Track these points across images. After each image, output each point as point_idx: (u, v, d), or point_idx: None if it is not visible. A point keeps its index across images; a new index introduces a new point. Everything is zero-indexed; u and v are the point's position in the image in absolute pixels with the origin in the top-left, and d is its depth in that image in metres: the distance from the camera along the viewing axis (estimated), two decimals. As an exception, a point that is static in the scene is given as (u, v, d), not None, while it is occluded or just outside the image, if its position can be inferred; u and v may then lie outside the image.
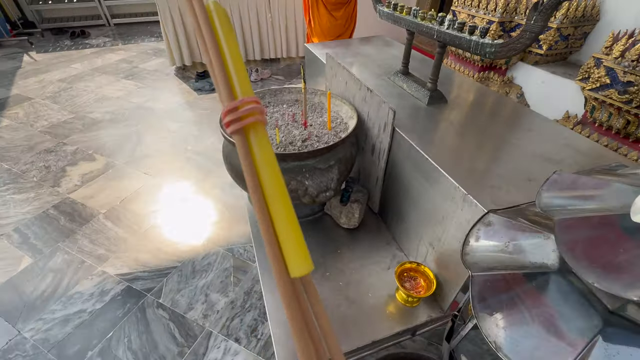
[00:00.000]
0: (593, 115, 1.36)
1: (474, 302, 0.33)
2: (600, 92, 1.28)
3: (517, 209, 0.44)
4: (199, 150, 2.18)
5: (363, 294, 0.89)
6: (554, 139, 0.85)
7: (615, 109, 1.26)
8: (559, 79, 1.54)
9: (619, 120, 1.27)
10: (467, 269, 0.35)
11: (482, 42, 0.76)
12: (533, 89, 1.67)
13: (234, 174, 0.98)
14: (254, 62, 3.65)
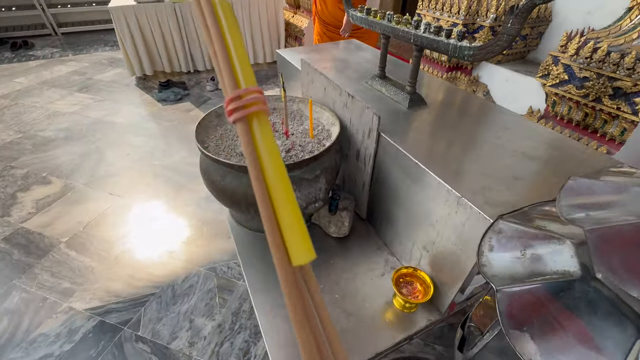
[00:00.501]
0: (555, 109, 1.45)
1: (502, 319, 0.32)
2: (559, 87, 1.37)
3: (522, 212, 0.43)
4: (167, 164, 2.06)
5: (360, 304, 0.86)
6: (530, 136, 0.89)
7: (574, 102, 1.35)
8: (520, 76, 1.63)
9: (578, 113, 1.36)
10: (490, 283, 0.33)
11: (461, 46, 0.78)
12: (498, 87, 1.75)
13: (214, 189, 0.91)
14: (220, 69, 3.54)
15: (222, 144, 0.97)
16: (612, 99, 1.21)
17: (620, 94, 1.19)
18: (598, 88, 1.23)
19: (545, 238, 0.37)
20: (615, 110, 1.21)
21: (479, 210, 0.62)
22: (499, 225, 0.41)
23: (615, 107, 1.21)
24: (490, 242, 0.41)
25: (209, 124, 1.05)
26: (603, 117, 1.28)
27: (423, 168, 0.74)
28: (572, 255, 0.33)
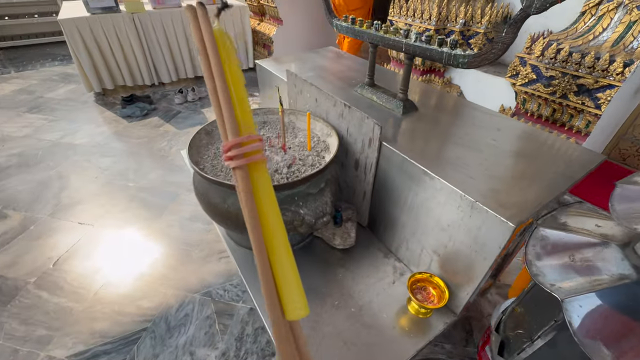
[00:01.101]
0: (525, 106, 1.55)
1: (574, 329, 0.32)
2: (529, 86, 1.47)
3: (552, 216, 0.45)
4: (143, 185, 1.93)
5: (377, 315, 0.86)
6: (520, 135, 0.94)
7: (542, 100, 1.46)
8: (491, 77, 1.73)
9: (546, 109, 1.47)
10: (554, 295, 0.33)
11: (455, 54, 0.80)
12: (470, 87, 1.85)
13: (216, 213, 0.86)
14: (186, 80, 3.40)
15: (218, 163, 0.92)
16: (577, 95, 1.32)
17: (583, 90, 1.30)
18: (564, 86, 1.33)
19: (589, 241, 0.38)
20: (580, 105, 1.33)
21: (495, 213, 0.64)
22: (539, 233, 0.42)
23: (580, 103, 1.32)
24: (535, 249, 0.42)
25: (200, 143, 0.99)
26: (569, 112, 1.39)
27: (433, 175, 0.76)
28: (622, 258, 0.34)
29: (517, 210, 0.65)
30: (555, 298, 0.37)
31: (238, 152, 0.23)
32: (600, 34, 1.30)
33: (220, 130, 0.25)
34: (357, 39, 2.12)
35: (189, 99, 2.95)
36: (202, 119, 2.69)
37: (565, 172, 0.77)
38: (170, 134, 2.46)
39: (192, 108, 2.87)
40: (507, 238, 0.64)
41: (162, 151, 2.26)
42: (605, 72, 1.22)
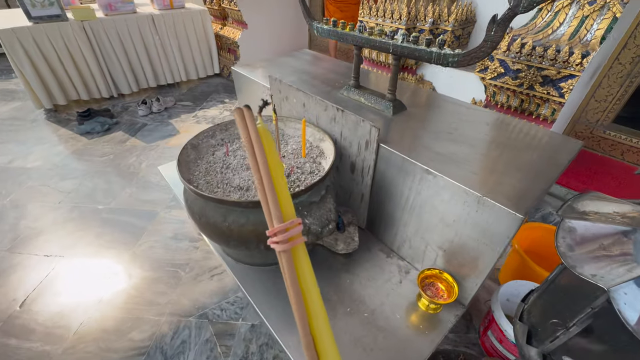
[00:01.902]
0: (495, 98, 1.64)
1: (625, 317, 0.33)
2: (498, 80, 1.56)
3: (569, 206, 0.47)
4: (115, 207, 1.78)
5: (390, 317, 0.86)
6: (505, 128, 0.99)
7: (511, 92, 1.55)
8: (461, 72, 1.81)
9: (515, 100, 1.56)
10: (599, 284, 0.35)
11: (445, 53, 0.82)
12: (441, 83, 1.92)
13: (215, 232, 0.81)
14: (148, 90, 3.21)
15: (213, 179, 0.87)
16: (542, 85, 1.42)
17: (548, 81, 1.40)
18: (530, 78, 1.43)
19: (616, 229, 0.40)
20: (546, 95, 1.43)
21: (503, 206, 0.67)
22: (567, 224, 0.44)
23: (545, 93, 1.42)
24: (565, 241, 0.43)
25: (188, 160, 0.93)
26: (536, 102, 1.50)
27: (436, 174, 0.77)
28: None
29: (521, 201, 0.68)
30: (588, 285, 0.38)
31: (283, 237, 0.25)
32: (558, 28, 1.41)
33: (266, 215, 0.27)
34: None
35: (154, 110, 2.78)
36: (171, 130, 2.55)
37: (553, 161, 0.82)
38: (138, 149, 2.30)
39: (158, 119, 2.71)
40: (516, 229, 0.66)
41: (131, 168, 2.11)
42: (566, 64, 1.32)
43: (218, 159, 0.96)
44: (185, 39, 3.14)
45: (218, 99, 3.08)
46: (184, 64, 3.25)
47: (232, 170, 0.90)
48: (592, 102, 1.87)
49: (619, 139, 1.90)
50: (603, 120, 1.94)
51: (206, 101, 3.04)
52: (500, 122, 1.02)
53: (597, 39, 1.29)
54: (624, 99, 1.83)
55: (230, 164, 0.92)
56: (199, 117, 2.74)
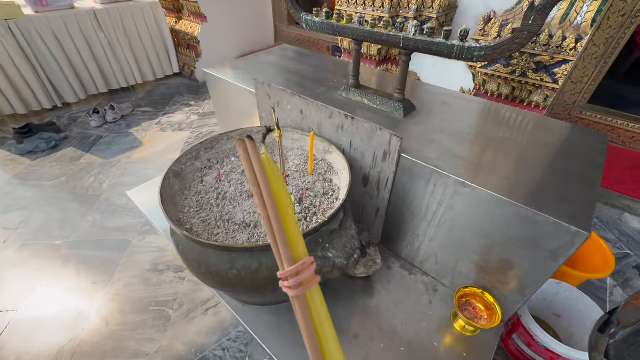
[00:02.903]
0: (485, 87, 1.60)
1: None
2: (489, 68, 1.51)
3: None
4: (76, 240, 1.52)
5: (429, 347, 0.77)
6: (523, 124, 0.92)
7: (502, 79, 1.51)
8: (446, 61, 1.74)
9: (506, 88, 1.53)
10: None
11: (469, 47, 0.72)
12: (427, 73, 1.85)
13: (221, 282, 0.66)
14: (99, 96, 2.84)
15: (209, 215, 0.71)
16: (535, 72, 1.39)
17: (541, 67, 1.37)
18: (523, 64, 1.39)
19: None
20: (539, 81, 1.40)
21: (555, 220, 0.59)
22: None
23: (539, 79, 1.39)
24: None
25: (172, 191, 0.75)
26: (528, 89, 1.47)
27: (474, 186, 0.67)
28: None
29: (579, 213, 0.60)
30: None
31: (295, 281, 0.22)
32: (547, 12, 1.37)
33: (276, 256, 0.24)
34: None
35: (109, 119, 2.46)
36: (132, 141, 2.26)
37: (590, 160, 0.76)
38: (96, 167, 2.01)
39: (115, 130, 2.39)
40: (578, 246, 0.59)
41: (90, 190, 1.83)
42: (559, 49, 1.29)
43: (210, 186, 0.79)
44: (136, 36, 2.79)
45: (182, 101, 2.80)
46: (138, 64, 2.91)
47: (231, 201, 0.74)
48: (569, 83, 1.90)
49: (595, 119, 1.96)
50: (579, 102, 1.98)
51: (169, 105, 2.74)
52: (515, 117, 0.95)
53: (587, 22, 1.27)
54: (599, 79, 1.87)
55: (227, 193, 0.77)
56: (164, 125, 2.46)
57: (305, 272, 0.23)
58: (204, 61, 3.03)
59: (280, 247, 0.23)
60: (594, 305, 1.02)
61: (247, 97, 1.15)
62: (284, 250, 0.23)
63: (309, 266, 0.23)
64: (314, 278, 0.24)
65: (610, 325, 0.54)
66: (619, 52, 1.74)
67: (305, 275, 0.23)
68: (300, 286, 0.23)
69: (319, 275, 0.70)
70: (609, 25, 1.71)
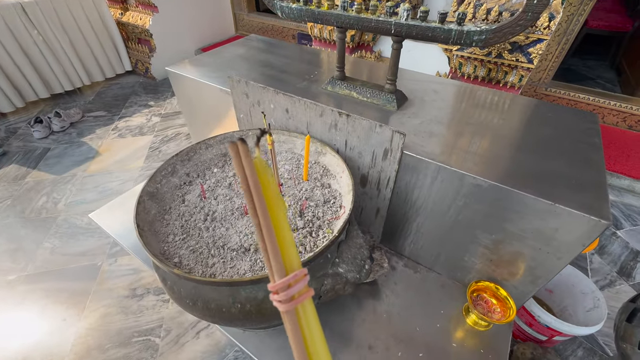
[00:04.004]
0: (461, 70, 1.58)
1: None
2: (465, 50, 1.49)
3: None
4: (35, 271, 1.33)
5: (447, 349, 0.74)
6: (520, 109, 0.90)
7: (478, 61, 1.50)
8: (421, 45, 1.71)
9: (482, 70, 1.52)
10: None
11: (468, 31, 0.67)
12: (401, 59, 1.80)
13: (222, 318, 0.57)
14: (40, 103, 2.51)
15: (199, 243, 0.61)
16: (510, 52, 1.39)
17: (516, 47, 1.37)
18: (499, 45, 1.38)
19: None
20: (515, 62, 1.40)
21: (571, 209, 0.57)
22: None
23: (514, 60, 1.40)
24: None
25: (151, 218, 0.65)
26: (504, 70, 1.47)
27: (489, 182, 0.64)
28: None
29: (593, 201, 0.59)
30: None
31: (286, 296, 0.21)
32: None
33: (267, 267, 0.23)
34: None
35: (56, 129, 2.18)
36: (87, 152, 2.03)
37: (589, 142, 0.75)
38: (47, 184, 1.78)
39: (65, 140, 2.13)
40: (598, 235, 0.57)
41: (43, 212, 1.61)
42: (533, 28, 1.29)
43: (194, 206, 0.69)
44: (76, 32, 2.47)
45: (140, 102, 2.55)
46: (83, 63, 2.59)
47: (222, 222, 0.65)
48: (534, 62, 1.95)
49: (559, 94, 2.04)
50: (544, 79, 2.05)
51: (125, 107, 2.49)
52: (503, 101, 0.93)
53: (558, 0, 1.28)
54: (562, 56, 1.94)
55: (215, 212, 0.67)
56: (122, 130, 2.23)
57: (297, 285, 0.22)
58: (159, 56, 2.77)
59: (271, 257, 0.22)
60: (585, 277, 1.06)
61: (221, 97, 1.04)
62: (275, 262, 0.22)
63: (301, 278, 0.22)
64: (307, 291, 0.22)
65: (637, 313, 0.53)
66: (579, 28, 1.81)
67: (297, 289, 0.22)
68: (292, 300, 0.21)
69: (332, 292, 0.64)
70: (570, 2, 1.76)
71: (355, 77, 0.99)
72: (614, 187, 1.68)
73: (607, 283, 1.31)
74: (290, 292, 0.21)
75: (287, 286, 0.21)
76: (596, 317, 0.96)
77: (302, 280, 0.22)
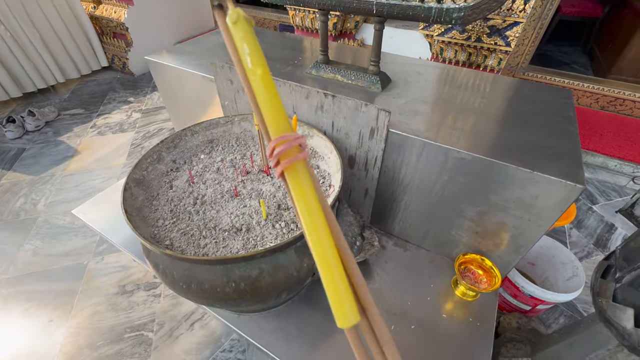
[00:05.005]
0: (442, 55, 1.61)
1: None
2: (445, 35, 1.52)
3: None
4: (16, 274, 1.29)
5: (438, 319, 0.77)
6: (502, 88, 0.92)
7: (459, 46, 1.53)
8: (403, 31, 1.72)
9: (463, 54, 1.55)
10: None
11: (447, 8, 0.68)
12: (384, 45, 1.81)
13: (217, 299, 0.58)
14: (11, 102, 2.40)
15: (189, 226, 0.61)
16: (489, 36, 1.43)
17: (494, 31, 1.41)
18: (477, 29, 1.41)
19: None
20: (493, 45, 1.44)
21: (550, 176, 0.60)
22: None
23: (493, 43, 1.43)
24: None
25: (138, 204, 0.64)
26: (484, 53, 1.51)
27: (474, 155, 0.66)
28: None
29: (569, 168, 0.62)
30: None
31: (273, 161, 0.21)
32: (495, -25, 1.39)
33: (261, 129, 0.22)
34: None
35: (31, 128, 2.09)
36: (65, 150, 1.95)
37: (564, 116, 0.79)
38: (25, 185, 1.71)
39: (41, 140, 2.05)
40: (574, 199, 0.60)
41: (22, 214, 1.55)
42: (510, 11, 1.32)
43: (182, 191, 0.68)
44: (47, 27, 2.36)
45: (118, 99, 2.47)
46: (55, 60, 2.49)
47: (212, 205, 0.65)
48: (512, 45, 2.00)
49: (537, 78, 2.10)
50: (522, 63, 2.11)
51: (103, 104, 2.41)
52: (484, 81, 0.95)
53: (532, -17, 1.31)
54: (537, 41, 2.00)
55: (205, 196, 0.66)
56: (101, 127, 2.16)
57: (278, 150, 0.21)
58: (136, 50, 2.69)
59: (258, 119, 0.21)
60: (564, 249, 1.12)
61: (204, 85, 1.02)
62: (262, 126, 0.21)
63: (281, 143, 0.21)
64: (296, 154, 0.21)
65: (611, 270, 0.57)
66: (553, 13, 1.87)
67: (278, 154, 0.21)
68: (277, 165, 0.21)
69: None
70: (544, -13, 1.81)
71: (339, 61, 0.99)
72: (589, 165, 1.76)
73: (585, 254, 1.37)
74: (275, 158, 0.21)
75: (271, 152, 0.21)
76: (575, 284, 1.01)
77: (282, 145, 0.21)
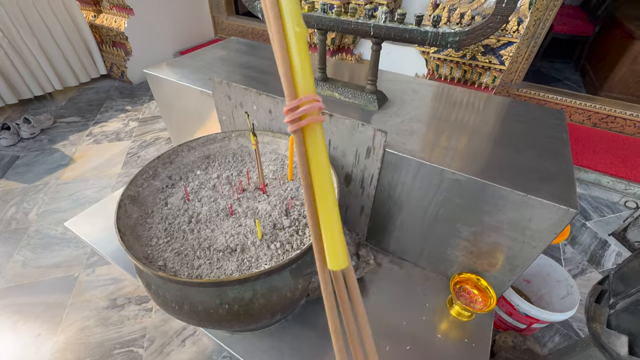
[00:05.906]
0: (438, 72, 1.64)
1: None
2: (441, 52, 1.54)
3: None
4: (6, 286, 1.26)
5: (433, 340, 0.76)
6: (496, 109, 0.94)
7: (454, 63, 1.56)
8: (400, 48, 1.75)
9: (458, 71, 1.58)
10: None
11: (443, 32, 0.70)
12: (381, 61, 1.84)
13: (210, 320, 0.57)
14: (6, 109, 2.38)
15: (184, 246, 0.60)
16: (484, 55, 1.46)
17: (489, 49, 1.44)
18: (472, 48, 1.44)
19: None
20: (488, 63, 1.47)
21: (542, 199, 0.60)
22: None
23: (487, 61, 1.46)
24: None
25: (132, 222, 0.63)
26: (478, 71, 1.54)
27: (468, 176, 0.66)
28: None
29: (562, 192, 0.62)
30: None
31: (294, 116, 0.22)
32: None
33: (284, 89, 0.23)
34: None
35: (25, 135, 2.08)
36: (60, 159, 1.94)
37: (558, 137, 0.80)
38: (17, 194, 1.69)
39: (35, 147, 2.03)
40: (567, 223, 0.61)
41: (13, 223, 1.53)
42: (504, 31, 1.36)
43: (177, 209, 0.68)
44: (46, 34, 2.37)
45: (116, 107, 2.47)
46: (54, 67, 2.49)
47: (207, 223, 0.64)
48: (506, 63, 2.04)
49: (530, 94, 2.14)
50: (516, 80, 2.15)
51: (100, 112, 2.40)
52: (479, 101, 0.97)
53: (525, 4, 1.35)
54: (531, 58, 2.04)
55: (200, 214, 0.66)
56: (97, 135, 2.15)
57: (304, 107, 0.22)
58: (135, 60, 2.70)
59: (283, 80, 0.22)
60: (559, 266, 1.12)
61: (201, 99, 1.02)
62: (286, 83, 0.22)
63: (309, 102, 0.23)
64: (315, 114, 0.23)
65: (605, 294, 0.57)
66: (546, 32, 1.92)
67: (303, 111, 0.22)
68: (298, 121, 0.23)
69: (319, 289, 0.64)
70: (537, 7, 1.86)
71: (337, 78, 1.01)
72: (582, 181, 1.78)
73: (579, 271, 1.38)
74: (298, 114, 0.22)
75: (296, 108, 0.22)
76: (570, 303, 1.01)
77: (310, 103, 0.23)
